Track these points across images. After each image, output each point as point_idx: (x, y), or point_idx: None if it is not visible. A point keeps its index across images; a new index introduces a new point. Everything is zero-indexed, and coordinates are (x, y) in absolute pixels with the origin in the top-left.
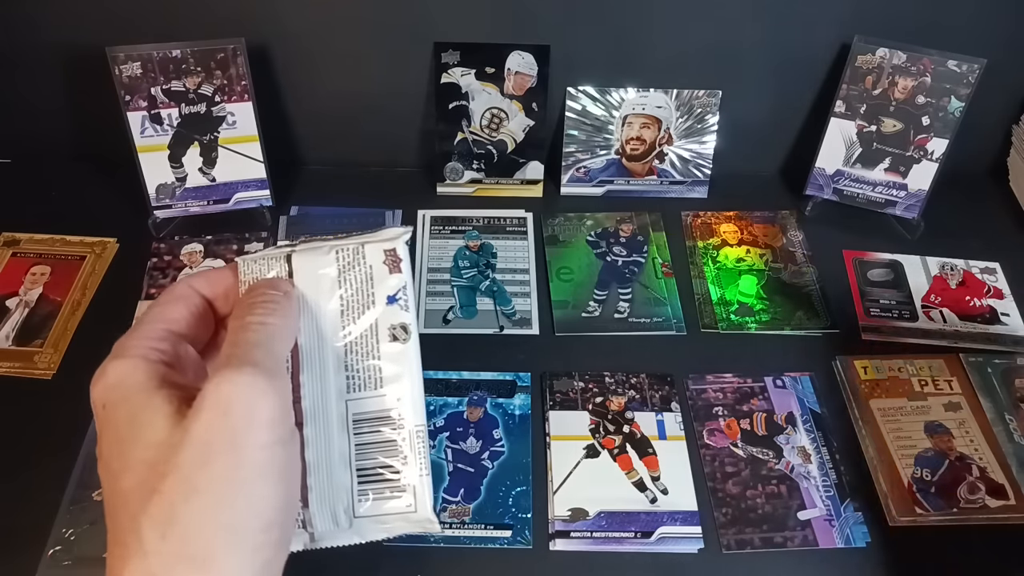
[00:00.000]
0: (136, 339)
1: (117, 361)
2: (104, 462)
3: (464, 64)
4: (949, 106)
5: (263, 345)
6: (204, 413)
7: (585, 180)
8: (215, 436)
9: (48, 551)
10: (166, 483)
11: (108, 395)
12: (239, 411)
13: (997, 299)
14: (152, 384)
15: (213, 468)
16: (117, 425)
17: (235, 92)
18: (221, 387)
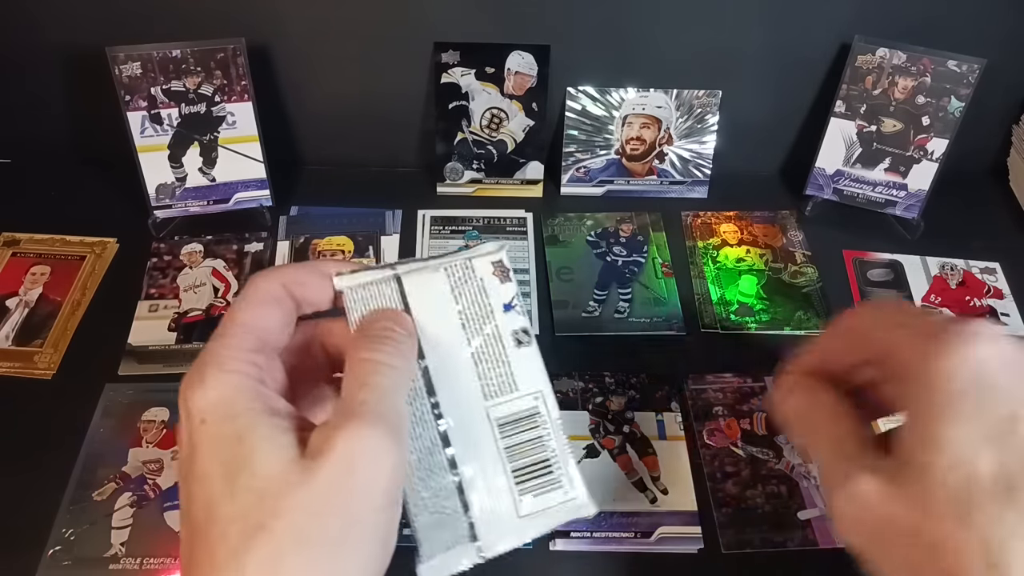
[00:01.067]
0: (234, 350)
1: (219, 374)
2: (198, 478)
3: (464, 64)
4: (949, 106)
5: (390, 395)
6: (331, 464)
7: (585, 180)
8: (336, 490)
9: (48, 551)
10: (278, 524)
11: (209, 410)
12: (365, 471)
13: (997, 299)
14: (258, 406)
15: (329, 522)
16: (221, 444)
17: (235, 92)
18: (352, 442)
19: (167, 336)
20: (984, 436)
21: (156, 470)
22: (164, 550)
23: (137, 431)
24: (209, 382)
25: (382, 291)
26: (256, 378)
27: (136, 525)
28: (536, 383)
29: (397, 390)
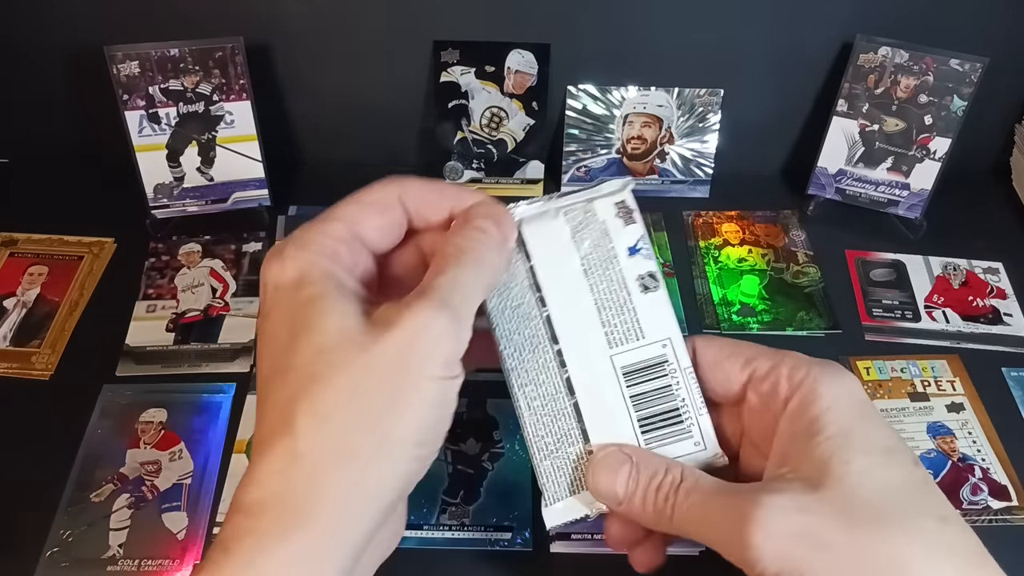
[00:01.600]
0: (319, 234)
1: (297, 251)
2: (266, 337)
3: (464, 63)
4: (952, 105)
5: (463, 288)
6: (395, 331)
7: (586, 179)
8: (397, 354)
9: (45, 552)
10: (334, 376)
11: (283, 278)
12: (426, 342)
13: (1000, 299)
14: (331, 279)
15: (385, 380)
16: (292, 307)
17: (233, 91)
18: (418, 316)
19: (165, 337)
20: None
21: (154, 471)
22: (162, 552)
23: (135, 432)
24: (287, 256)
25: None
26: (334, 260)
27: (134, 526)
28: (665, 330)
29: (474, 286)
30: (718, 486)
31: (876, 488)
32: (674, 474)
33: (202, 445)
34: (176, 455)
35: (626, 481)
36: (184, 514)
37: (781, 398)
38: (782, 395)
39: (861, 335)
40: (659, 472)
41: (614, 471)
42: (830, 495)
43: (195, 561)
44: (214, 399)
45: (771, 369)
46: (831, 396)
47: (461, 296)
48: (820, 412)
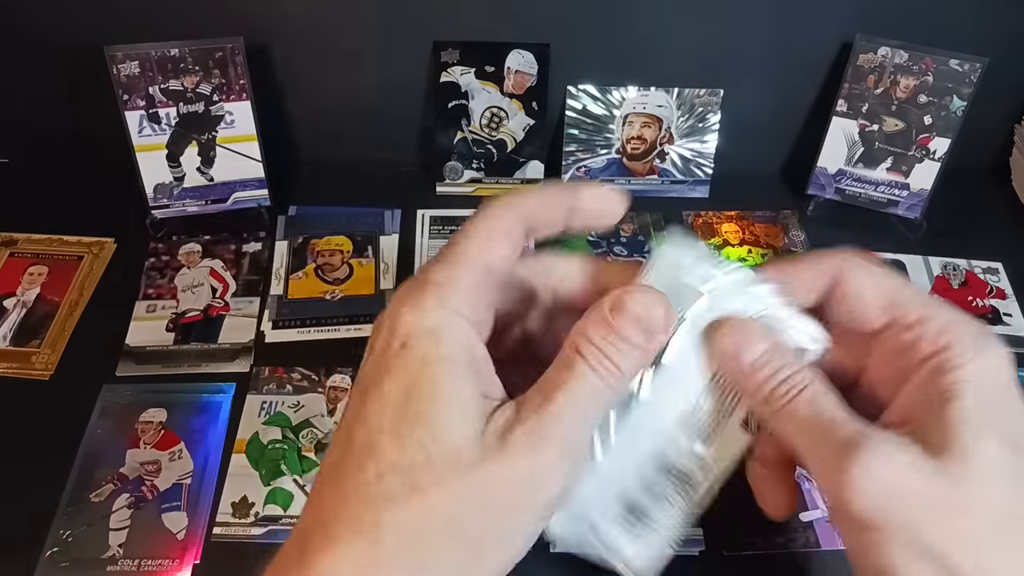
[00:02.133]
0: (459, 285)
1: (438, 306)
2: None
3: (464, 63)
4: (951, 105)
5: (586, 411)
6: (514, 462)
7: (586, 179)
8: (510, 491)
9: (45, 552)
10: (437, 495)
11: (417, 338)
12: (540, 483)
13: (1000, 299)
14: (463, 358)
15: (482, 515)
16: (416, 380)
17: (233, 91)
18: (544, 453)
19: (165, 337)
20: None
21: (154, 471)
22: (162, 551)
23: (135, 432)
24: (427, 309)
25: (680, 293)
26: (472, 321)
27: (134, 526)
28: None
29: (597, 403)
30: (840, 409)
31: (1002, 474)
32: (806, 374)
33: (202, 445)
34: (176, 455)
35: (759, 353)
36: (184, 514)
37: (921, 354)
38: (923, 352)
39: None
40: (794, 364)
41: (750, 339)
42: (950, 468)
43: (195, 561)
44: (214, 399)
45: (918, 321)
46: (975, 368)
47: (579, 422)
48: (960, 380)
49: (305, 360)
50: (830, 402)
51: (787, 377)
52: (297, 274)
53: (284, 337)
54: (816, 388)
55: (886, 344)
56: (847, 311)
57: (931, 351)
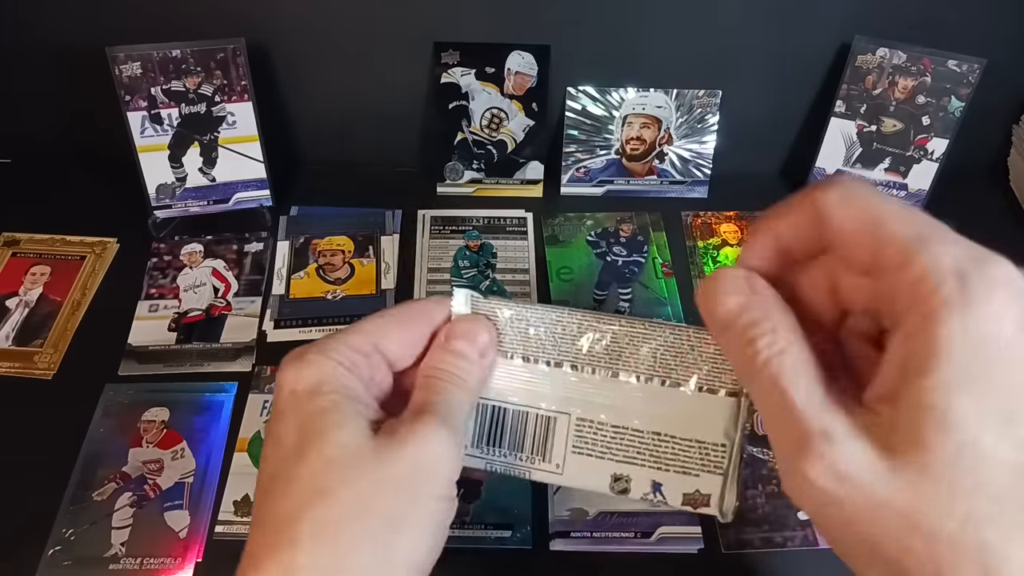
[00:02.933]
0: (341, 344)
1: (317, 356)
2: (275, 439)
3: (464, 64)
4: (949, 106)
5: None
6: (404, 448)
7: (585, 180)
8: (405, 471)
9: (48, 551)
10: (343, 491)
11: (300, 383)
12: (432, 461)
13: None
14: (344, 391)
15: (393, 498)
16: (305, 413)
17: (235, 92)
18: (425, 433)
19: (167, 336)
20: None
21: (156, 470)
22: (164, 550)
23: (137, 431)
24: (307, 360)
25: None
26: (351, 369)
27: (136, 525)
28: None
29: (463, 406)
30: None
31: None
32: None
33: (204, 444)
34: (178, 454)
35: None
36: (186, 513)
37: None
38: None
39: None
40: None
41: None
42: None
43: (197, 559)
44: (216, 398)
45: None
46: (958, 325)
47: (455, 416)
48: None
49: None
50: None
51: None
52: (299, 274)
53: (286, 337)
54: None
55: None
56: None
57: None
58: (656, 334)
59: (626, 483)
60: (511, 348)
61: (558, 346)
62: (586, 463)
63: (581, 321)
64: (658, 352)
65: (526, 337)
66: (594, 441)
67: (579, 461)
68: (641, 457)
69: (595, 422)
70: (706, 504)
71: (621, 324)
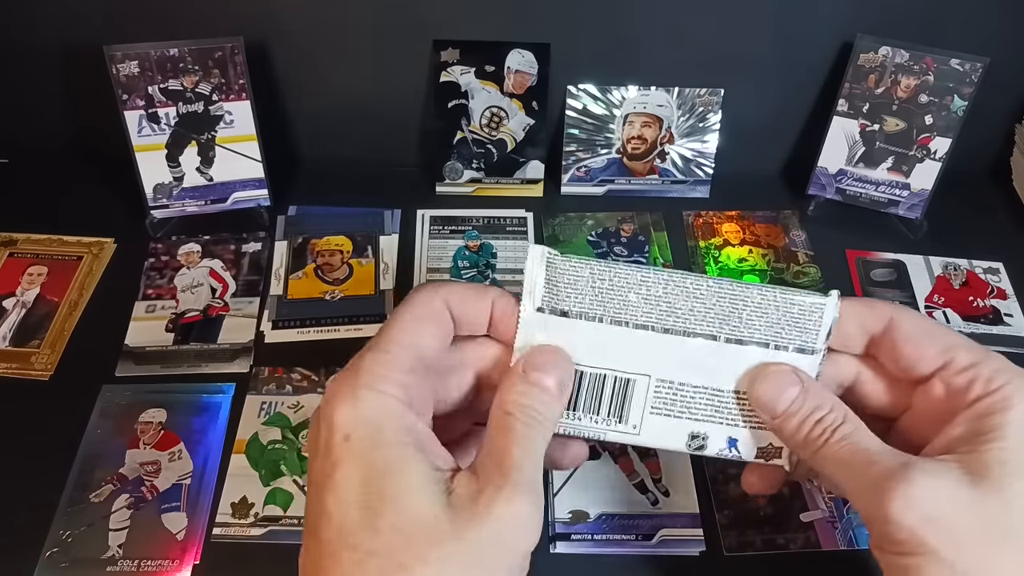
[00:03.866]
0: (390, 368)
1: (370, 393)
2: (336, 498)
3: (464, 62)
4: (952, 105)
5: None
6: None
7: (586, 179)
8: (485, 551)
9: (45, 553)
10: (422, 570)
11: (358, 429)
12: (515, 539)
13: (1000, 300)
14: (408, 439)
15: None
16: (368, 470)
17: (233, 91)
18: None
19: (164, 337)
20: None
21: (153, 471)
22: (161, 552)
23: (134, 432)
24: (361, 399)
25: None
26: (407, 403)
27: (133, 527)
28: None
29: (542, 451)
30: (874, 440)
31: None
32: (837, 414)
33: (202, 445)
34: (176, 455)
35: (791, 401)
36: (183, 514)
37: (971, 396)
38: (973, 394)
39: None
40: (824, 406)
41: (781, 387)
42: (987, 498)
43: (194, 561)
44: (214, 399)
45: (971, 365)
46: (1022, 412)
47: (537, 472)
48: (1006, 422)
49: (305, 360)
50: (864, 436)
51: (820, 419)
52: (297, 274)
53: (284, 337)
54: (848, 426)
55: (933, 388)
56: (897, 356)
57: (982, 393)
58: (743, 295)
59: (703, 440)
60: (590, 310)
61: (641, 307)
62: (664, 423)
63: (668, 282)
64: (744, 314)
65: (607, 300)
66: (672, 401)
67: (657, 422)
68: (719, 415)
69: (675, 383)
70: (778, 456)
71: (709, 285)
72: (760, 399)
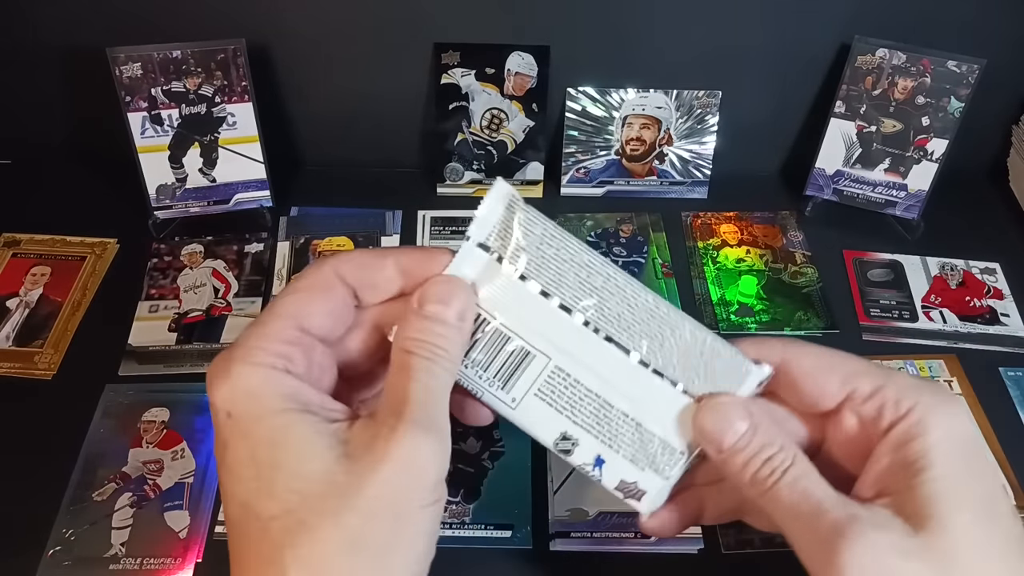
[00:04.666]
0: (265, 340)
1: (244, 366)
2: (230, 471)
3: (464, 65)
4: (949, 106)
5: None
6: (383, 466)
7: (585, 180)
8: (386, 494)
9: (48, 551)
10: (324, 525)
11: (237, 405)
12: (416, 472)
13: (997, 300)
14: (290, 405)
15: (378, 524)
16: (254, 443)
17: (235, 93)
18: (404, 444)
19: (167, 337)
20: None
21: (156, 470)
22: (164, 550)
23: (137, 431)
24: (235, 374)
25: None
26: (286, 370)
27: (136, 525)
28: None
29: (445, 386)
30: (824, 488)
31: (978, 545)
32: (786, 454)
33: (204, 444)
34: (178, 454)
35: (739, 435)
36: (186, 513)
37: (884, 424)
38: (885, 421)
39: (859, 335)
40: (773, 444)
41: (729, 420)
42: (931, 543)
43: (197, 559)
44: None
45: (875, 391)
46: (940, 431)
47: (437, 405)
48: (927, 447)
49: None
50: (813, 482)
51: (769, 458)
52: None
53: None
54: (797, 468)
55: (843, 419)
56: (797, 395)
57: (894, 419)
58: (674, 324)
59: (572, 445)
60: (527, 271)
61: (573, 290)
62: (543, 411)
63: (609, 278)
64: (668, 343)
65: (546, 266)
66: (560, 393)
67: (537, 406)
68: (598, 428)
69: (571, 377)
70: (637, 499)
71: (647, 300)
72: (705, 430)
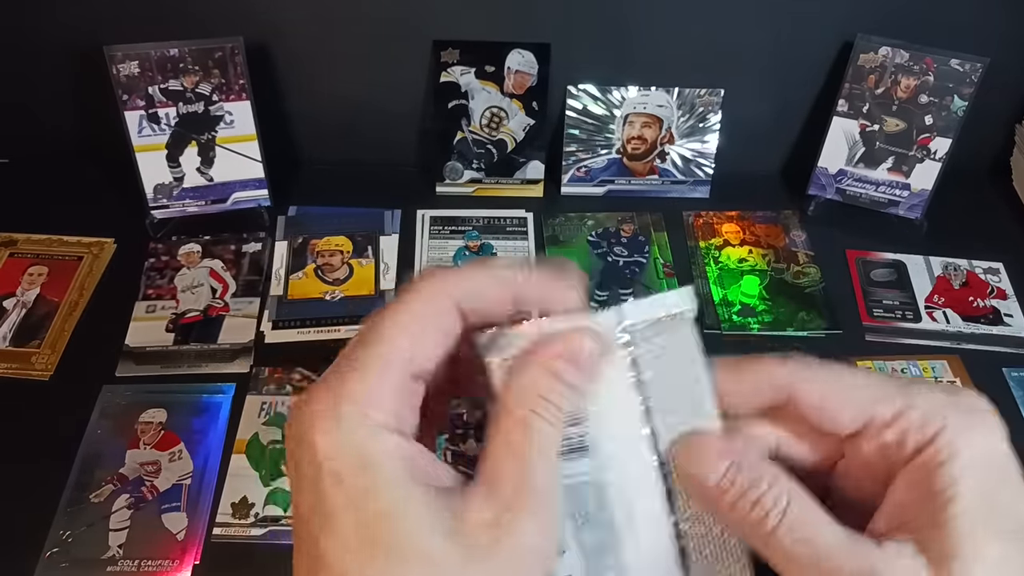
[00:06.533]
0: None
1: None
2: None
3: (464, 63)
4: (952, 105)
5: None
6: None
7: (586, 179)
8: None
9: (45, 553)
10: None
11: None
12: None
13: (1000, 300)
14: (406, 475)
15: None
16: (360, 512)
17: (233, 91)
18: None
19: (164, 337)
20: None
21: (153, 471)
22: (161, 552)
23: (134, 432)
24: (346, 429)
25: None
26: (399, 430)
27: (133, 527)
28: None
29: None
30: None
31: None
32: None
33: (202, 445)
34: (176, 455)
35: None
36: (184, 514)
37: (908, 451)
38: (909, 448)
39: (861, 335)
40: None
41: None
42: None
43: (194, 561)
44: (214, 399)
45: (896, 416)
46: (970, 456)
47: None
48: (955, 477)
49: (305, 360)
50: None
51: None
52: (297, 274)
53: (284, 338)
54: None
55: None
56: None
57: (919, 444)
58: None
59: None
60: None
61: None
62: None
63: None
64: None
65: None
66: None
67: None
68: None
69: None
70: None
71: (710, 525)
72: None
